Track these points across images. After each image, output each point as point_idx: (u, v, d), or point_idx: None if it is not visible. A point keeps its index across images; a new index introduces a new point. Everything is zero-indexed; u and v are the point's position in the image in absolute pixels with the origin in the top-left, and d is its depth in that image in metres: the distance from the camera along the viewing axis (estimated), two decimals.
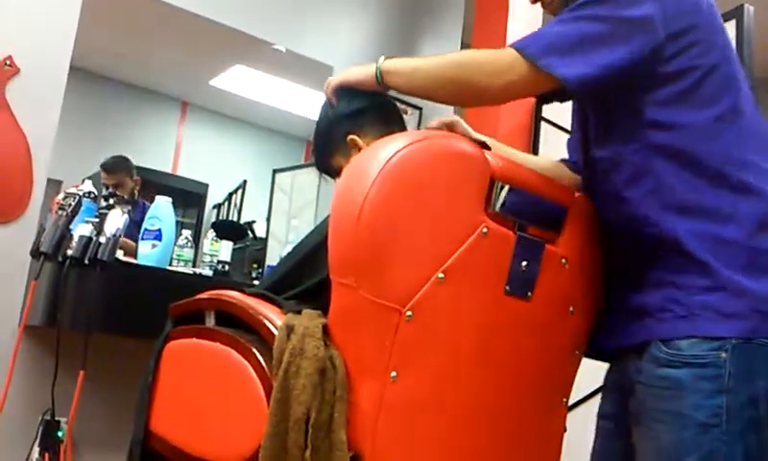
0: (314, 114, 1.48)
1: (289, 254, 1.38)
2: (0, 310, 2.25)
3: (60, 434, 2.20)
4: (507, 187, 1.21)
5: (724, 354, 1.06)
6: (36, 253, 2.03)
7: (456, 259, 1.10)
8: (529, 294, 1.18)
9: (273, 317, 1.18)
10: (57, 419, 2.19)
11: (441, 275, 1.09)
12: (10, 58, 2.37)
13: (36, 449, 2.22)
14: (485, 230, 1.13)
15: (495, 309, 1.15)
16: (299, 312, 1.16)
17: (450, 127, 1.27)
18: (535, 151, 2.85)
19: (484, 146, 1.19)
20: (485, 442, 1.14)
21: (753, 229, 1.09)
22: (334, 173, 1.41)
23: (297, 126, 5.35)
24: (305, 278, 1.28)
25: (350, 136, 1.34)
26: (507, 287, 1.16)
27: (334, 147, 1.38)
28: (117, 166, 3.62)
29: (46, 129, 2.41)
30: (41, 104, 2.42)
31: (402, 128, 1.38)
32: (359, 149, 1.31)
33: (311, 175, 3.40)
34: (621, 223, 1.20)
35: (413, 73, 1.24)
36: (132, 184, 3.57)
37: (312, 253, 1.28)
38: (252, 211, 4.58)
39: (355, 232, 1.07)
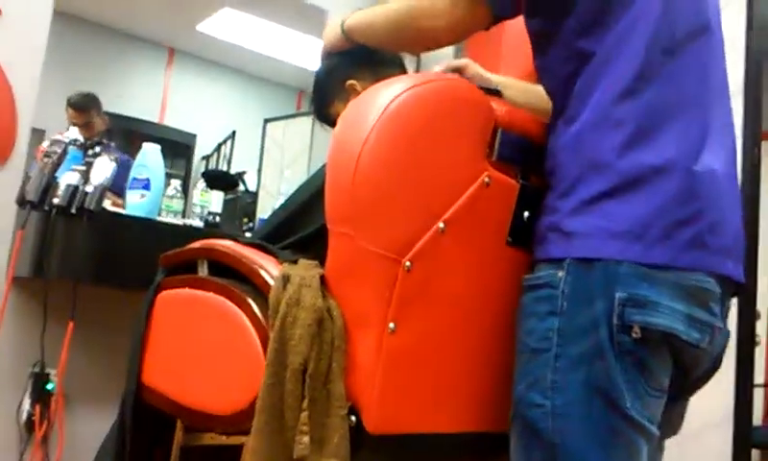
0: (307, 62, 1.45)
1: (284, 203, 1.35)
2: None
3: (50, 386, 2.18)
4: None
5: (561, 274, 0.98)
6: (21, 201, 1.99)
7: (457, 209, 1.07)
8: (531, 244, 1.15)
9: (268, 267, 1.15)
10: (47, 371, 2.17)
11: (441, 225, 1.06)
12: None
13: (27, 401, 2.20)
14: (487, 179, 1.09)
15: (497, 260, 1.13)
16: (295, 262, 1.13)
17: (460, 70, 1.22)
18: None
19: (495, 91, 1.15)
20: (485, 392, 1.13)
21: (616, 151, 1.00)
22: (333, 122, 1.37)
23: (289, 74, 5.25)
24: (301, 227, 1.25)
25: (349, 81, 1.31)
26: (509, 238, 1.13)
27: (333, 94, 1.35)
28: (86, 104, 3.44)
29: (30, 73, 2.34)
30: (25, 48, 2.34)
31: (402, 71, 1.34)
32: (358, 95, 1.27)
33: (304, 125, 3.34)
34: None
35: (369, 29, 1.24)
36: (101, 124, 3.41)
37: (308, 201, 1.25)
38: (243, 163, 4.52)
39: (353, 181, 1.03)
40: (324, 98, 1.39)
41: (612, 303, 0.94)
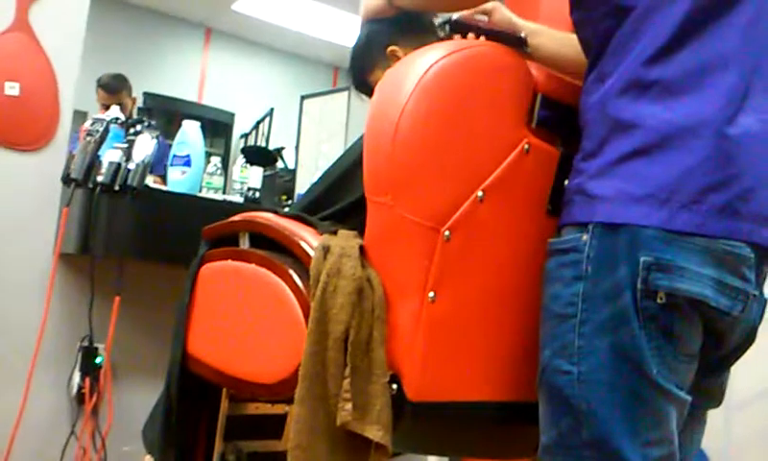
0: (342, 39, 1.45)
1: (322, 175, 1.36)
2: (34, 239, 2.26)
3: (98, 360, 2.24)
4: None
5: (585, 237, 0.95)
6: (66, 179, 2.03)
7: (496, 177, 1.06)
8: None
9: (308, 238, 1.16)
10: (95, 345, 2.23)
11: (480, 193, 1.05)
12: None
13: (77, 375, 2.26)
14: (526, 146, 1.08)
15: (537, 229, 1.12)
16: (334, 233, 1.14)
17: (487, 14, 1.19)
18: None
19: (519, 40, 1.13)
20: (524, 361, 1.13)
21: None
22: (372, 91, 1.37)
23: (324, 51, 5.26)
24: (340, 198, 1.25)
25: (391, 48, 1.30)
26: (549, 206, 1.12)
27: (374, 61, 1.35)
28: (117, 85, 3.50)
29: (72, 56, 2.37)
30: (66, 32, 2.37)
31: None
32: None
33: (340, 101, 3.34)
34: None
35: None
36: (130, 104, 3.47)
37: (347, 172, 1.26)
38: (280, 140, 4.55)
39: (391, 149, 1.03)
40: (364, 66, 1.38)
41: (637, 268, 0.92)
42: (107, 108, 3.30)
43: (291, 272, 1.14)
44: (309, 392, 1.00)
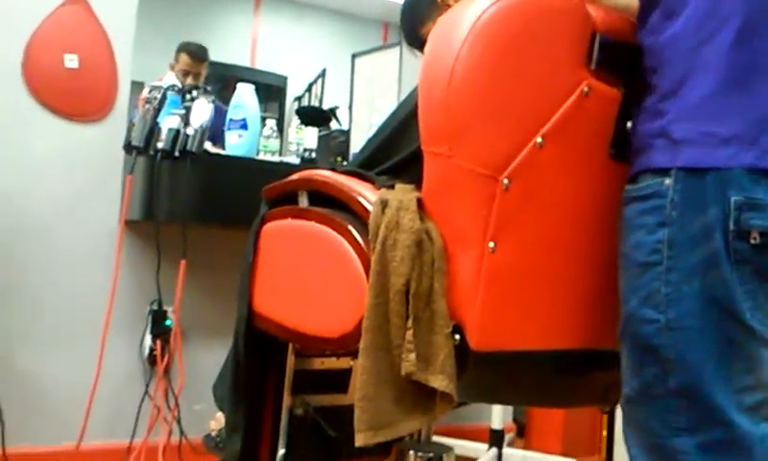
0: None
1: (378, 129, 1.35)
2: (99, 207, 2.34)
3: (168, 322, 2.32)
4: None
5: (668, 181, 0.92)
6: (128, 147, 2.08)
7: (555, 122, 1.04)
8: None
9: (366, 193, 1.16)
10: (164, 308, 2.30)
11: (539, 139, 1.03)
12: None
13: (148, 337, 2.35)
14: (586, 89, 1.05)
15: (599, 174, 1.09)
16: (391, 187, 1.14)
17: None
18: None
19: None
20: (588, 309, 1.11)
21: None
22: (424, 44, 1.35)
23: (374, 8, 5.21)
24: (396, 151, 1.25)
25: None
26: (611, 150, 1.09)
27: (425, 14, 1.33)
28: (203, 55, 3.62)
29: (126, 24, 2.41)
30: (120, 2, 2.41)
31: None
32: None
33: (391, 57, 3.30)
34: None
35: None
36: (205, 74, 3.57)
37: (402, 125, 1.25)
38: (333, 100, 4.54)
39: (447, 97, 1.01)
40: (416, 18, 1.37)
41: (728, 208, 0.89)
42: (186, 74, 3.39)
43: (350, 227, 1.14)
44: (373, 344, 1.01)
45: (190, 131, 2.04)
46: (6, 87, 2.25)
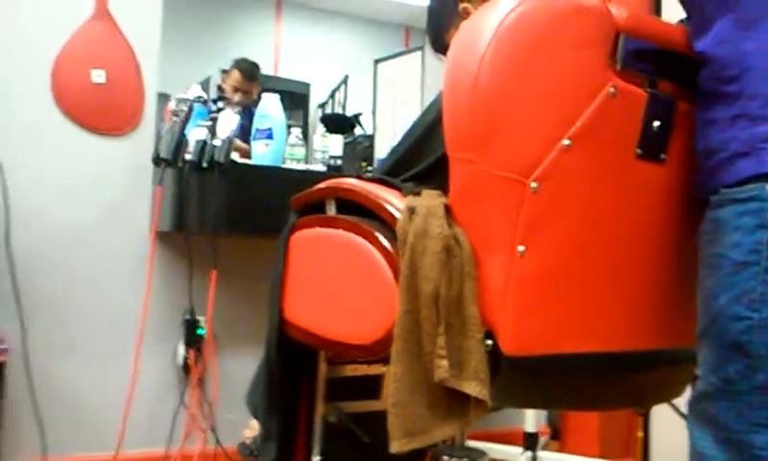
0: None
1: (404, 136, 1.36)
2: (130, 219, 2.37)
3: (200, 331, 2.34)
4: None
5: None
6: (157, 160, 2.11)
7: (582, 124, 1.03)
8: (662, 156, 1.10)
9: (393, 200, 1.17)
10: (196, 317, 2.33)
11: (566, 141, 1.03)
12: None
13: (182, 347, 2.38)
14: (612, 89, 1.05)
15: (626, 174, 1.09)
16: (418, 193, 1.14)
17: None
18: None
19: None
20: (622, 309, 1.11)
21: None
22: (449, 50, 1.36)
23: (394, 12, 5.22)
24: (422, 158, 1.25)
25: (462, 5, 1.29)
26: (638, 150, 1.08)
27: (448, 20, 1.33)
28: (256, 74, 3.66)
29: (151, 38, 2.44)
30: (144, 14, 2.44)
31: None
32: None
33: (414, 61, 3.31)
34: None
35: None
36: (257, 93, 3.60)
37: (427, 132, 1.25)
38: (356, 106, 4.55)
39: (472, 103, 1.02)
40: (440, 26, 1.37)
41: None
42: (236, 90, 3.43)
43: (378, 235, 1.15)
44: (405, 350, 1.02)
45: (217, 141, 2.06)
46: (35, 103, 2.29)
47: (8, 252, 2.19)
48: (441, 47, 1.42)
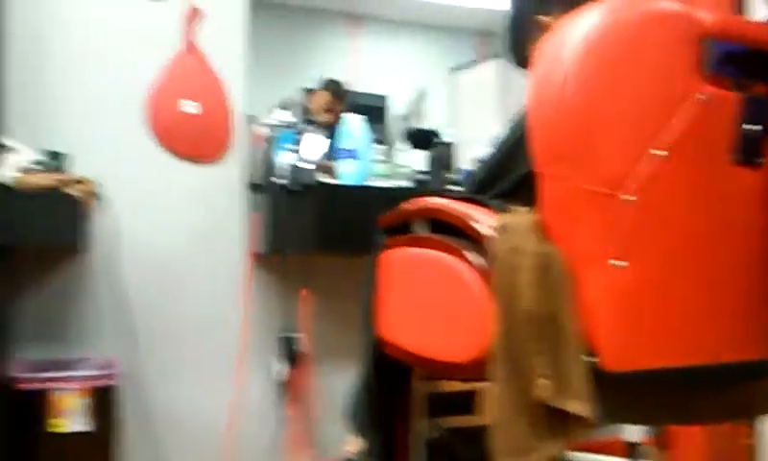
0: (485, 3, 1.43)
1: (489, 153, 1.36)
2: (225, 242, 2.47)
3: (296, 348, 2.41)
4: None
5: None
6: (252, 186, 2.20)
7: (673, 133, 1.02)
8: (759, 160, 1.07)
9: (482, 218, 1.18)
10: (292, 335, 2.40)
11: (657, 152, 1.01)
12: (191, 4, 2.49)
13: (279, 364, 2.45)
14: (702, 95, 1.03)
15: (722, 181, 1.06)
16: (507, 211, 1.14)
17: None
18: None
19: None
20: (725, 320, 1.08)
21: None
22: (528, 62, 1.36)
23: (468, 19, 5.20)
24: (508, 174, 1.26)
25: (542, 18, 1.29)
26: (733, 156, 1.06)
27: (528, 33, 1.33)
28: (343, 93, 3.73)
29: (237, 67, 2.54)
30: (229, 45, 2.54)
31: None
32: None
33: (490, 69, 3.31)
34: None
35: None
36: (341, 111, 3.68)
37: (512, 148, 1.25)
38: (434, 116, 4.56)
39: (560, 118, 1.02)
40: (519, 39, 1.37)
41: None
42: (326, 111, 3.51)
43: (468, 254, 1.16)
44: (504, 370, 1.02)
45: (305, 164, 2.12)
46: (132, 135, 2.41)
47: (116, 278, 2.31)
48: (520, 60, 1.42)
